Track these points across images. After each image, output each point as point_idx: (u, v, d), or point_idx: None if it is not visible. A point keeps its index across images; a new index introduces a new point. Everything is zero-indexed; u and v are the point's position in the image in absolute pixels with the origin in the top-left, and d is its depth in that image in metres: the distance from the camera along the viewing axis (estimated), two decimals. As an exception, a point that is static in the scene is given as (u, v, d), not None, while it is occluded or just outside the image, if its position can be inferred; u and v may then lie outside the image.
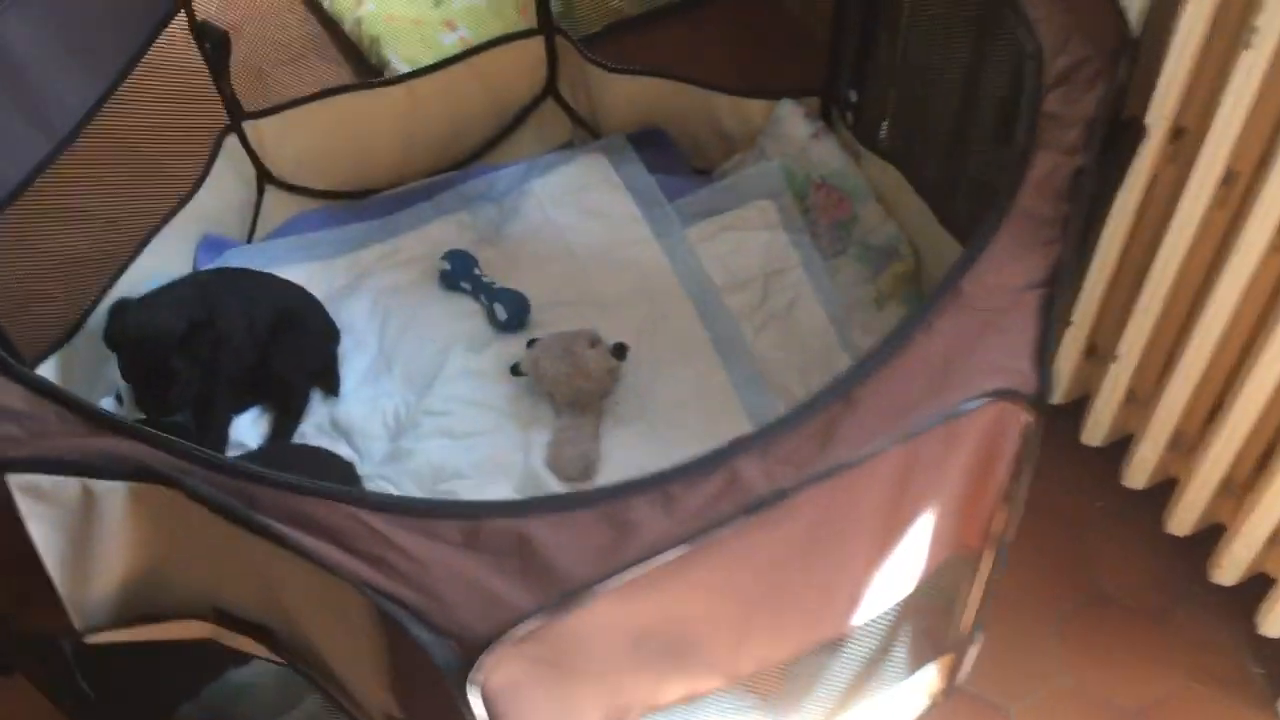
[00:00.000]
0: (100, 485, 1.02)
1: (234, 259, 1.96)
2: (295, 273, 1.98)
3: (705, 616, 1.05)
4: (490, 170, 2.15)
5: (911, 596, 1.20)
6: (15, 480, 1.02)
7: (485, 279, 1.93)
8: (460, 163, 2.22)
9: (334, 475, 1.69)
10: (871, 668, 1.36)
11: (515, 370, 1.83)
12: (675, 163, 2.16)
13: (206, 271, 1.82)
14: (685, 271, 1.98)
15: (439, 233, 2.09)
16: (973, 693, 1.58)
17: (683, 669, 1.07)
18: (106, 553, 1.07)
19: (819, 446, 1.01)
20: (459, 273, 1.93)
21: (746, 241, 2.03)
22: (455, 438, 1.78)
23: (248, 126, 2.00)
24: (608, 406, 1.82)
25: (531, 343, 1.85)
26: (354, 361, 1.88)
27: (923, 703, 1.51)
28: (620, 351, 1.83)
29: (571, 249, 2.03)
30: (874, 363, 1.06)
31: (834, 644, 1.30)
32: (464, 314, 1.93)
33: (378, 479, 1.73)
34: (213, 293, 1.68)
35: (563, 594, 0.93)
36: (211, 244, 1.97)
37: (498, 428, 1.80)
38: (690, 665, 1.08)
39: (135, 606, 1.13)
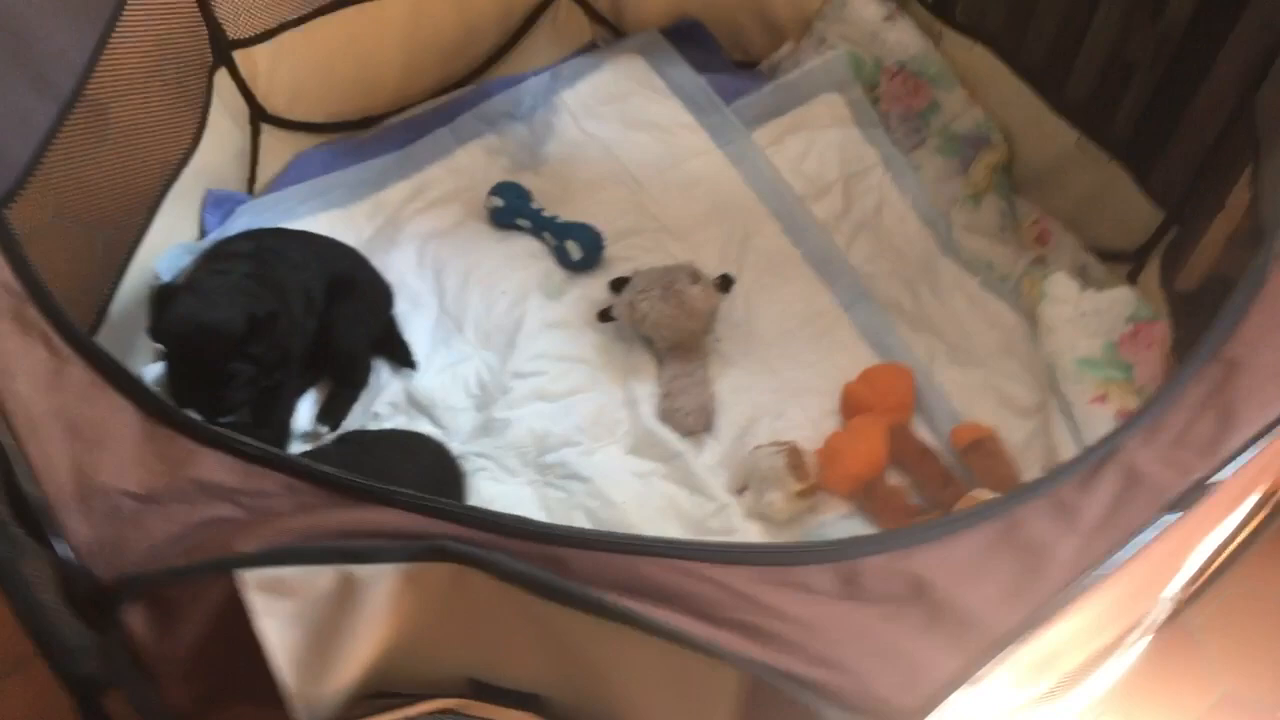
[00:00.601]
0: (366, 571, 0.79)
1: (244, 216, 1.68)
2: (314, 225, 1.71)
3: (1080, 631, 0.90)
4: (508, 84, 1.88)
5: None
6: (253, 576, 0.78)
7: (546, 214, 1.69)
8: (468, 76, 1.94)
9: (427, 461, 1.46)
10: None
11: (605, 316, 1.61)
12: (717, 59, 1.94)
13: (241, 238, 1.53)
14: (760, 183, 1.79)
15: (467, 160, 1.83)
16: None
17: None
18: (357, 643, 0.86)
19: (1217, 423, 0.85)
20: (514, 209, 1.69)
21: (817, 142, 1.84)
22: (552, 400, 1.57)
23: (238, 56, 1.68)
24: (710, 346, 1.62)
25: (617, 283, 1.64)
26: (415, 324, 1.63)
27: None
28: (726, 284, 1.63)
29: (626, 168, 1.81)
30: (1235, 312, 0.90)
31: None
32: (528, 256, 1.70)
33: (473, 456, 1.51)
34: (267, 271, 1.41)
35: (987, 648, 0.76)
36: (217, 201, 1.68)
37: (594, 383, 1.60)
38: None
39: (370, 690, 0.92)
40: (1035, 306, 1.55)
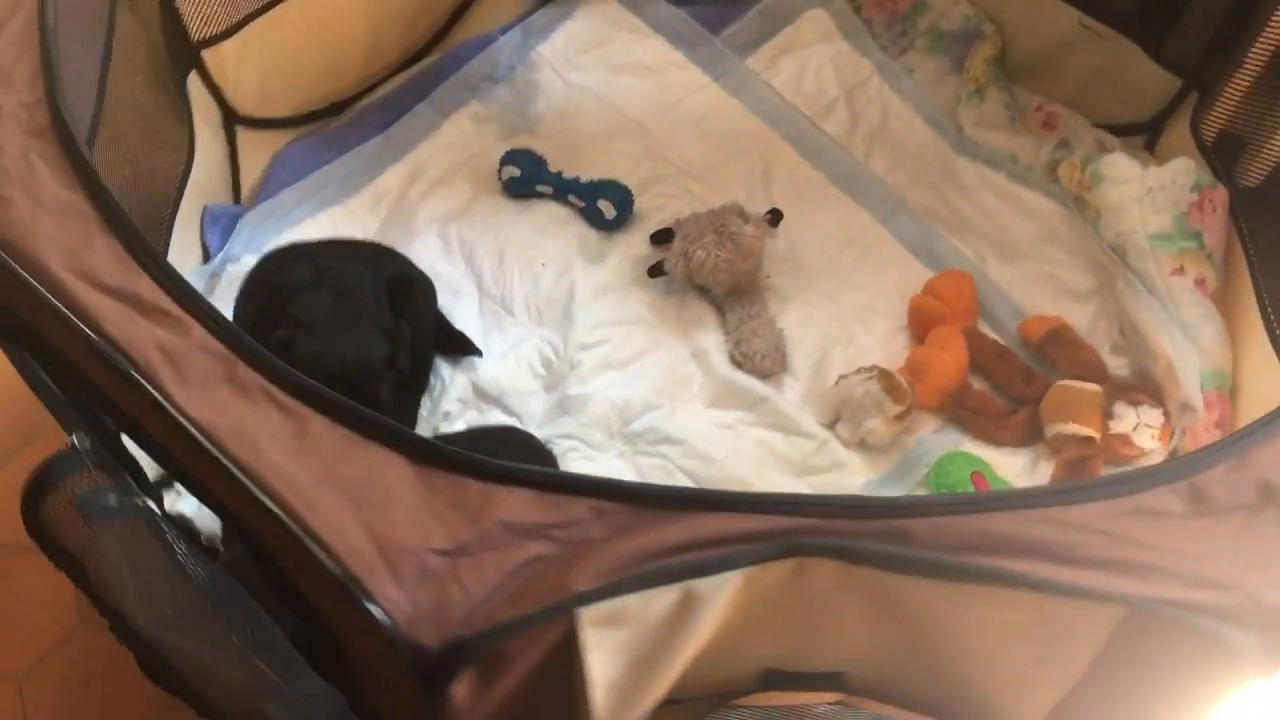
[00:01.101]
0: (708, 584, 0.74)
1: (244, 230, 1.56)
2: (316, 227, 1.60)
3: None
4: (479, 46, 1.78)
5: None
6: (591, 613, 0.72)
7: (567, 176, 1.62)
8: (430, 43, 1.83)
9: (522, 453, 1.40)
10: None
11: (655, 271, 1.56)
12: (685, -12, 1.87)
13: (287, 262, 1.41)
14: (767, 110, 1.75)
15: (456, 133, 1.73)
16: None
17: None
18: (680, 660, 0.80)
19: None
20: (533, 176, 1.61)
21: (810, 61, 1.80)
22: (621, 367, 1.51)
23: (206, 56, 1.54)
24: (764, 284, 1.59)
25: (658, 236, 1.58)
26: (459, 314, 1.55)
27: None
28: (776, 219, 1.59)
29: (626, 116, 1.74)
30: None
31: None
32: (557, 223, 1.62)
33: (557, 439, 1.45)
34: (345, 290, 1.31)
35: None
36: (214, 217, 1.55)
37: (657, 343, 1.55)
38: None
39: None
40: (1083, 191, 1.56)
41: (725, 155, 1.70)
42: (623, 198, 1.59)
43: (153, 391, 0.75)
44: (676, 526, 0.74)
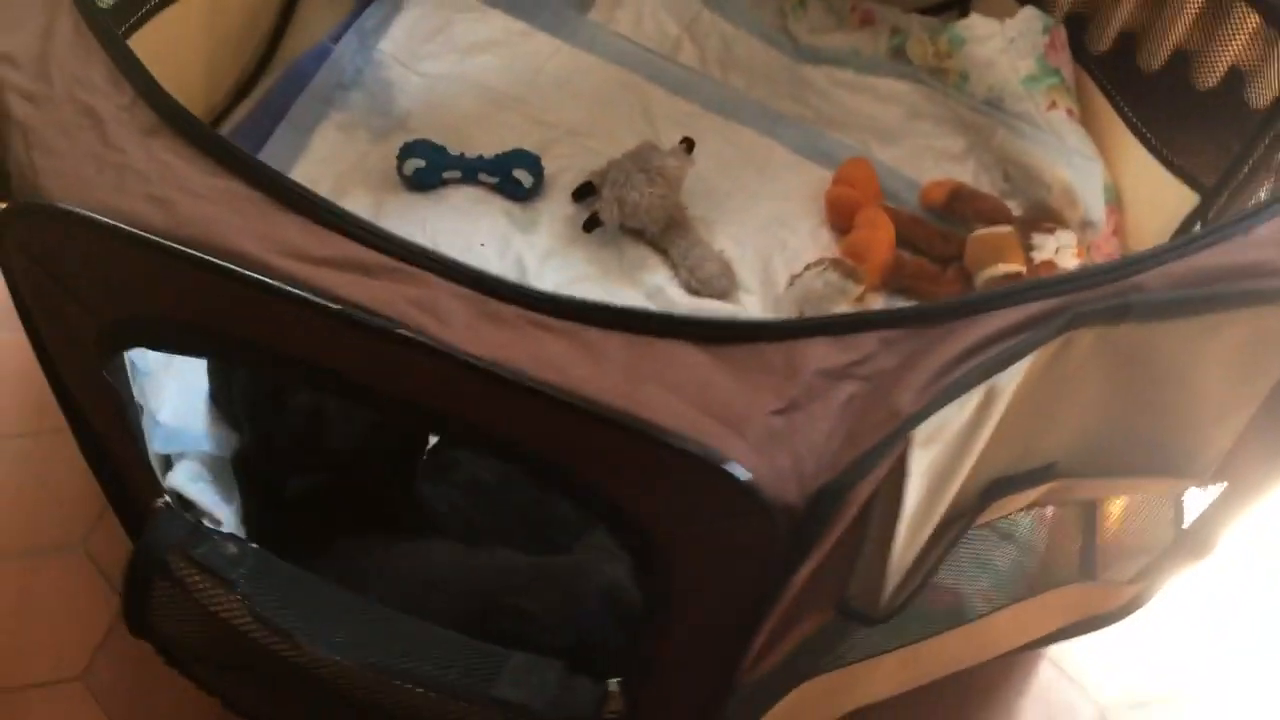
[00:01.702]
0: (1004, 378, 0.80)
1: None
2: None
3: None
4: (317, 59, 1.73)
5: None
6: (919, 433, 0.76)
7: (471, 156, 1.61)
8: (259, 67, 1.76)
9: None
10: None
11: (591, 224, 1.58)
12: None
13: None
14: (624, 58, 1.80)
15: (326, 147, 1.68)
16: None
17: None
18: (961, 474, 0.85)
19: None
20: (439, 164, 1.59)
21: (643, 7, 1.89)
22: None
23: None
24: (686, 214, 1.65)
25: (580, 192, 1.61)
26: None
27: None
28: (690, 146, 1.65)
29: (495, 91, 1.74)
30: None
31: None
32: (477, 203, 1.61)
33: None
34: None
35: None
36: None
37: (610, 293, 1.57)
38: None
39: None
40: (940, 60, 1.70)
41: (603, 107, 1.73)
42: (534, 163, 1.59)
43: (431, 342, 0.71)
44: (966, 332, 0.77)
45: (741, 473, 0.70)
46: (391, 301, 0.73)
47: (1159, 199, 1.57)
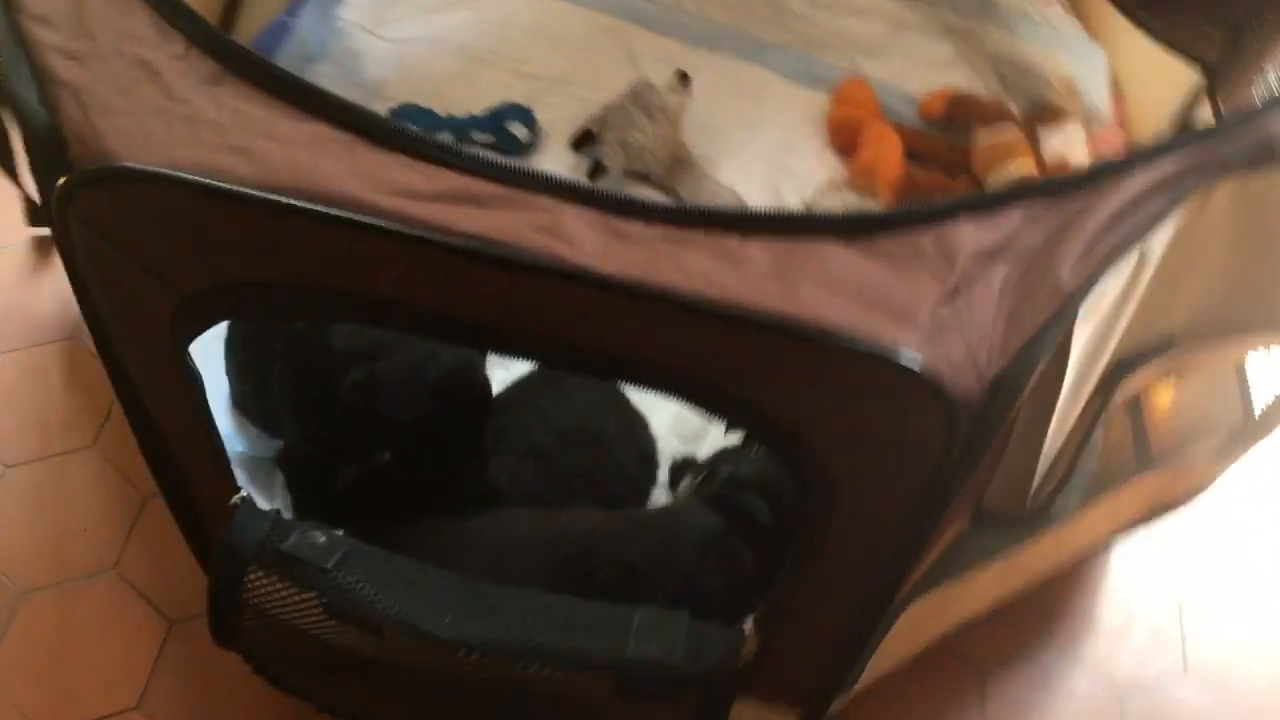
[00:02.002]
0: (1155, 242, 0.76)
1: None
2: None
3: None
4: (277, 34, 1.65)
5: None
6: (1083, 308, 0.72)
7: (459, 115, 1.54)
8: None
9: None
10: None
11: (595, 171, 1.52)
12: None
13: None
14: (594, 1, 1.73)
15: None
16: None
17: None
18: (1111, 346, 0.82)
19: None
20: (431, 126, 1.52)
21: None
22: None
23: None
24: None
25: (581, 139, 1.55)
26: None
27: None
28: (686, 80, 1.59)
29: (471, 48, 1.67)
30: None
31: None
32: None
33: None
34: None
35: None
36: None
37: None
38: None
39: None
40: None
41: (584, 54, 1.67)
42: (528, 116, 1.53)
43: (568, 267, 0.65)
44: (1109, 197, 0.74)
45: (920, 366, 0.65)
46: (515, 230, 0.67)
47: (1161, 82, 1.55)
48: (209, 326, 0.74)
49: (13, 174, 1.36)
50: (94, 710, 1.19)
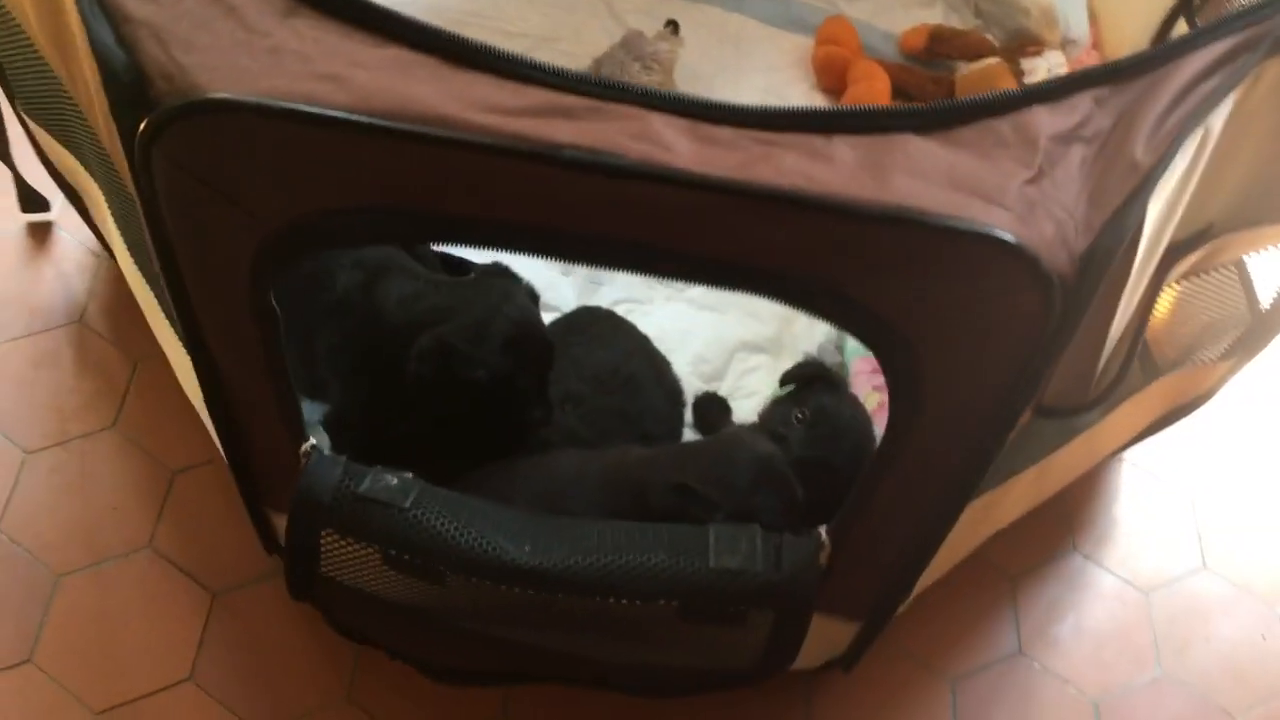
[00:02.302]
0: (1217, 116, 0.79)
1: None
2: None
3: None
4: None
5: None
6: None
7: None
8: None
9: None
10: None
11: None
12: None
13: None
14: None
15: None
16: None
17: None
18: (1170, 229, 0.85)
19: None
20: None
21: None
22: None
23: None
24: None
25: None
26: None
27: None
28: (675, 27, 1.60)
29: (452, 14, 1.68)
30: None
31: None
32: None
33: (611, 308, 1.41)
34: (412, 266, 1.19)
35: None
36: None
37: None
38: None
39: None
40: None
41: (564, 11, 1.68)
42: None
43: (666, 170, 0.67)
44: (1171, 77, 0.76)
45: (1018, 240, 0.67)
46: (611, 139, 0.68)
47: (1137, 3, 1.59)
48: (296, 259, 0.74)
49: (7, 157, 1.33)
50: (147, 686, 1.18)
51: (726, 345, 1.39)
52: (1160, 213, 0.79)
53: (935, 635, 1.29)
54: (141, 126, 0.68)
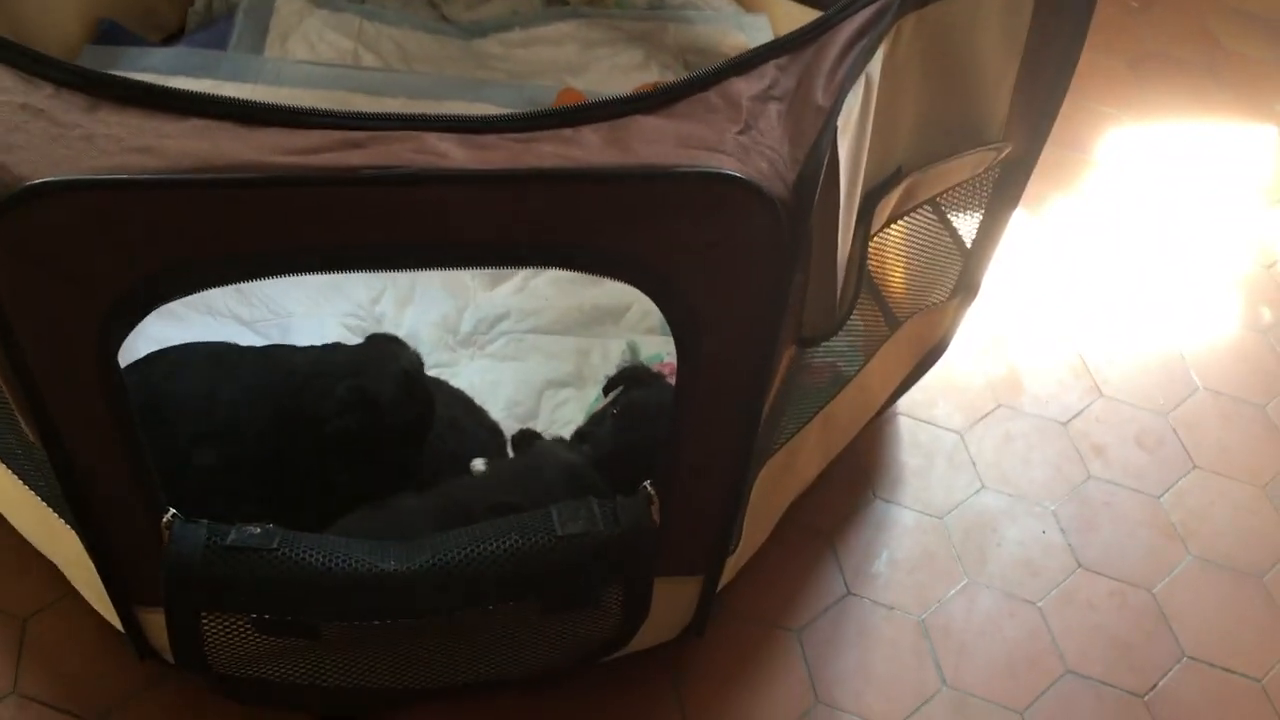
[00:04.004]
0: (873, 66, 1.00)
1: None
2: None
3: None
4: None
5: None
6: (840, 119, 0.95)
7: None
8: None
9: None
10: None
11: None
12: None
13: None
14: (312, 80, 1.89)
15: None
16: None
17: None
18: (865, 153, 1.05)
19: None
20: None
21: (309, 35, 1.97)
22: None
23: None
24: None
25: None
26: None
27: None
28: None
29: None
30: None
31: None
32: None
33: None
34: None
35: None
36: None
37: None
38: None
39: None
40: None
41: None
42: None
43: (451, 171, 0.81)
44: (834, 39, 0.95)
45: (741, 174, 0.84)
46: (396, 155, 0.81)
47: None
48: (139, 320, 0.83)
49: None
50: None
51: (534, 387, 1.52)
52: (849, 150, 0.97)
53: (774, 596, 1.43)
54: (-24, 224, 0.77)
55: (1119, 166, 2.13)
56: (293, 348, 1.26)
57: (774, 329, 0.93)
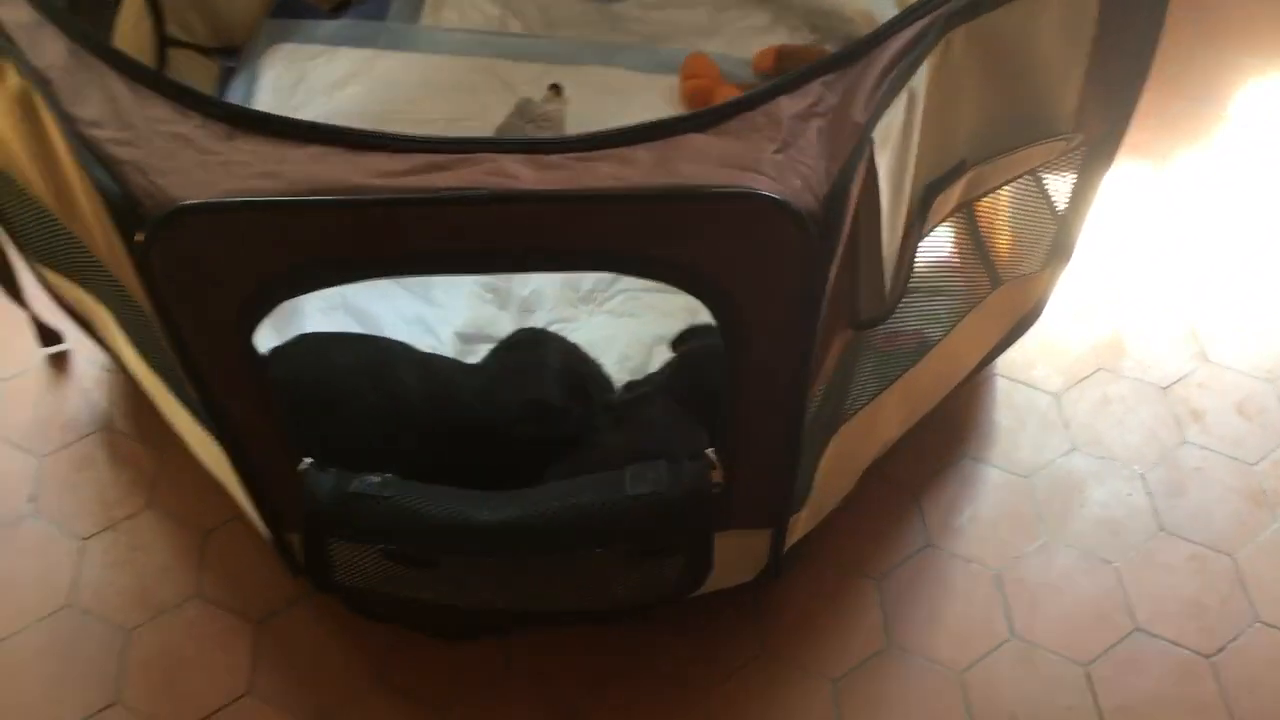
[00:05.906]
0: (917, 79, 1.07)
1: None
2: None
3: None
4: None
5: None
6: (877, 134, 1.03)
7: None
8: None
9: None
10: None
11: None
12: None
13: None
14: (467, 47, 2.03)
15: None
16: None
17: None
18: (910, 167, 1.13)
19: None
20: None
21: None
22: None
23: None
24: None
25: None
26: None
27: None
28: (558, 90, 1.90)
29: (369, 111, 1.96)
30: None
31: None
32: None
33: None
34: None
35: None
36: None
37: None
38: None
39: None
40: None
41: (468, 93, 1.95)
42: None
43: (516, 192, 0.94)
44: (878, 58, 1.04)
45: (771, 193, 0.95)
46: (473, 177, 0.96)
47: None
48: (269, 311, 1.02)
49: (18, 297, 1.61)
50: (216, 704, 1.44)
51: (645, 343, 1.66)
52: (893, 157, 1.07)
53: (855, 545, 1.55)
54: (138, 237, 0.96)
55: (1257, 123, 2.09)
56: (451, 361, 1.44)
57: (811, 325, 1.04)
